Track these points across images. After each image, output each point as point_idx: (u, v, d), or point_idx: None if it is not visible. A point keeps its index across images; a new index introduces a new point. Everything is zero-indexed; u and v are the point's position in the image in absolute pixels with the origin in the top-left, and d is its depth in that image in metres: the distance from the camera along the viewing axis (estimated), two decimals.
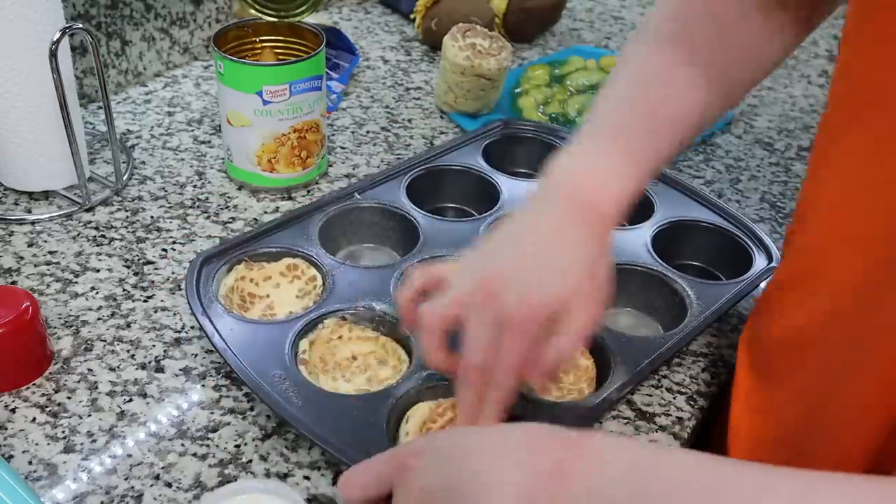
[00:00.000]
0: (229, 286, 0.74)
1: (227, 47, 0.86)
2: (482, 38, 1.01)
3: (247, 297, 0.74)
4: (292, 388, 0.64)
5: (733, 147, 1.06)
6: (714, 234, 0.85)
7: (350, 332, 0.71)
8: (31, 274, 0.77)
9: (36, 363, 0.68)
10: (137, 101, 1.04)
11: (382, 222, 0.83)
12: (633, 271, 0.79)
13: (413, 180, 0.87)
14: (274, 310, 0.74)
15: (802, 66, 1.27)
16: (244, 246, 0.77)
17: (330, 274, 0.75)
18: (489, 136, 0.95)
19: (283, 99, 0.83)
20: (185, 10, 1.08)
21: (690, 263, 0.85)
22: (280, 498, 0.55)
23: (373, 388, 0.67)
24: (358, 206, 0.83)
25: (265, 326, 0.70)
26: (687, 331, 0.72)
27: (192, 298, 0.70)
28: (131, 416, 0.66)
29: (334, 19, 1.28)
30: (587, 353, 0.71)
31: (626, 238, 0.82)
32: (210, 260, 0.74)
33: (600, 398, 0.66)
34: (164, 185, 0.90)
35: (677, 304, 0.76)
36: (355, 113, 1.06)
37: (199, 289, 0.71)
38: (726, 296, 0.76)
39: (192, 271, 0.72)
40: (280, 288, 0.75)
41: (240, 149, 0.87)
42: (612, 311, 0.79)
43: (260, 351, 0.67)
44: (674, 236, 0.84)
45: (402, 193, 0.85)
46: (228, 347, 0.66)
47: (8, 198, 0.86)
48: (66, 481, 0.60)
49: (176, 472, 0.62)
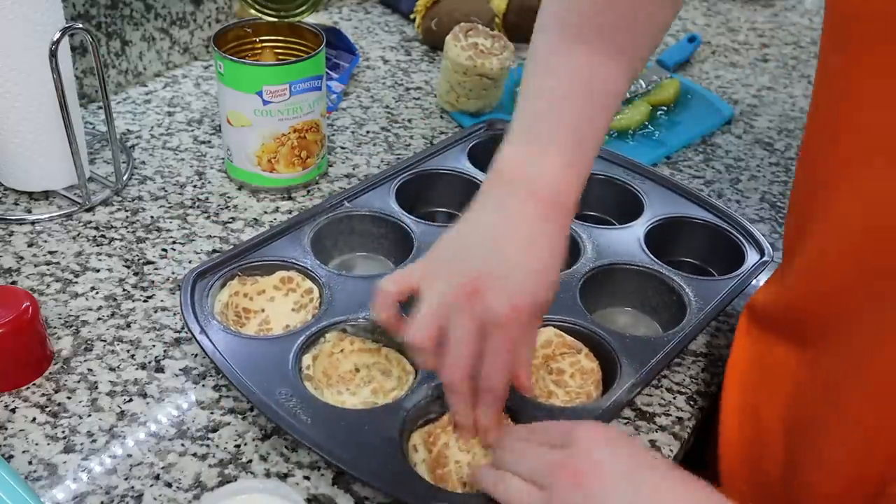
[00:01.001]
0: (224, 302, 0.72)
1: (227, 47, 0.86)
2: (484, 38, 1.01)
3: (241, 312, 0.72)
4: (300, 405, 0.62)
5: (733, 147, 1.06)
6: (705, 229, 0.85)
7: (352, 345, 0.70)
8: (31, 274, 0.77)
9: (36, 363, 0.68)
10: (137, 101, 1.04)
11: (374, 230, 0.82)
12: (629, 270, 0.79)
13: (402, 185, 0.86)
14: (270, 324, 0.72)
15: (802, 66, 1.27)
16: (236, 260, 0.75)
17: (327, 286, 0.73)
18: (473, 137, 0.94)
19: (283, 99, 0.83)
20: (185, 10, 1.08)
21: (683, 260, 0.85)
22: (280, 498, 0.55)
23: (379, 400, 0.66)
24: (348, 214, 0.82)
25: (265, 342, 0.69)
26: (689, 328, 0.72)
27: (189, 316, 0.68)
28: (131, 416, 0.66)
29: (334, 19, 1.28)
30: (591, 356, 0.70)
31: (619, 236, 0.82)
32: (203, 275, 0.73)
33: (610, 401, 0.65)
34: (164, 185, 0.90)
35: (675, 301, 0.76)
36: (355, 113, 1.06)
37: (195, 306, 0.70)
38: (723, 291, 0.76)
39: (185, 288, 0.71)
40: (275, 301, 0.73)
41: (240, 149, 0.87)
42: (610, 311, 0.79)
43: (263, 369, 0.65)
44: (665, 233, 0.84)
45: (392, 199, 0.84)
46: (231, 366, 0.65)
47: (8, 198, 0.86)
48: (66, 481, 0.60)
49: (176, 472, 0.62)
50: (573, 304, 0.74)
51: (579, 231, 0.82)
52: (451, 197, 0.88)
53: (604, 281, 0.78)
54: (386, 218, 0.82)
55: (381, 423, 0.62)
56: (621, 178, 0.89)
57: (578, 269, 0.78)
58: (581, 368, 0.69)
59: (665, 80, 1.14)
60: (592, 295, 0.77)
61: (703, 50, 1.29)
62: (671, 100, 1.11)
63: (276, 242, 0.77)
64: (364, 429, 0.61)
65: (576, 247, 0.80)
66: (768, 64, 1.27)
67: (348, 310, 0.71)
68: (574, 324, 0.72)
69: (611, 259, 0.79)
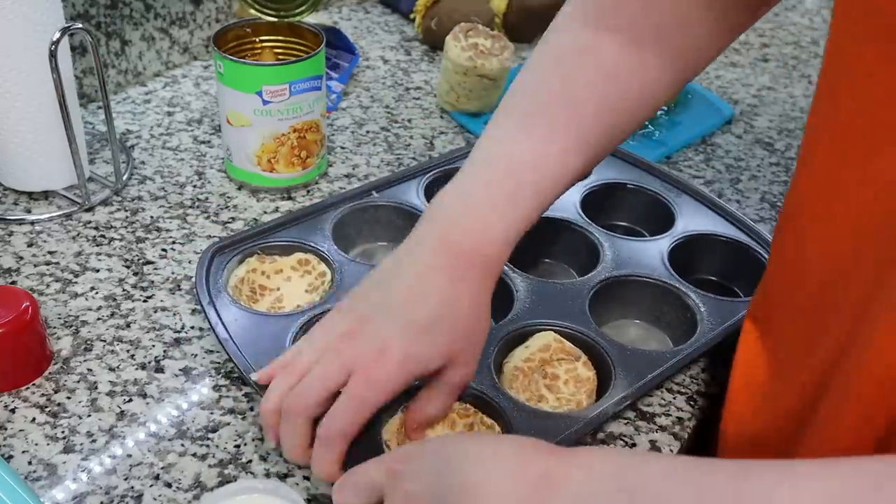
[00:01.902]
0: (240, 277, 0.74)
1: (226, 47, 0.86)
2: (484, 38, 1.01)
3: (257, 288, 0.75)
4: None
5: (733, 147, 1.05)
6: (734, 248, 0.83)
7: None
8: (30, 274, 0.77)
9: (36, 363, 0.68)
10: (137, 101, 1.04)
11: (397, 221, 0.83)
12: (645, 283, 0.78)
13: (431, 181, 0.87)
14: (283, 303, 0.74)
15: (802, 66, 1.27)
16: (256, 238, 0.77)
17: (339, 270, 0.75)
18: None
19: (282, 99, 0.83)
20: (185, 9, 1.08)
21: (708, 278, 0.84)
22: (280, 498, 0.55)
23: None
24: (373, 204, 0.83)
25: (269, 319, 0.71)
26: (693, 348, 0.72)
27: (201, 287, 0.71)
28: (131, 416, 0.66)
29: (334, 19, 1.28)
30: (590, 364, 0.70)
31: (643, 248, 0.82)
32: (222, 250, 0.75)
33: (595, 412, 0.65)
34: (163, 185, 0.90)
35: (688, 319, 0.75)
36: (355, 113, 1.06)
37: (208, 278, 0.72)
38: (739, 313, 0.74)
39: (202, 260, 0.73)
40: (291, 282, 0.76)
41: (240, 149, 0.87)
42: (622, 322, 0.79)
43: (262, 344, 0.67)
44: (692, 249, 0.83)
45: (421, 194, 0.85)
46: (231, 339, 0.67)
47: (8, 198, 0.86)
48: (66, 481, 0.60)
49: (176, 472, 0.62)
50: (581, 311, 0.74)
51: (601, 239, 0.81)
52: None
53: (618, 291, 0.78)
54: (411, 210, 0.83)
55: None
56: (655, 189, 0.89)
57: (593, 276, 0.78)
58: (576, 376, 0.69)
59: None
60: (605, 304, 0.76)
61: None
62: (671, 99, 1.11)
63: (298, 225, 0.80)
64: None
65: (595, 254, 0.80)
66: (768, 64, 1.27)
67: None
68: (576, 331, 0.72)
69: (628, 270, 0.79)
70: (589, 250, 0.81)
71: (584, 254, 0.82)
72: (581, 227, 0.83)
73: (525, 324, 0.72)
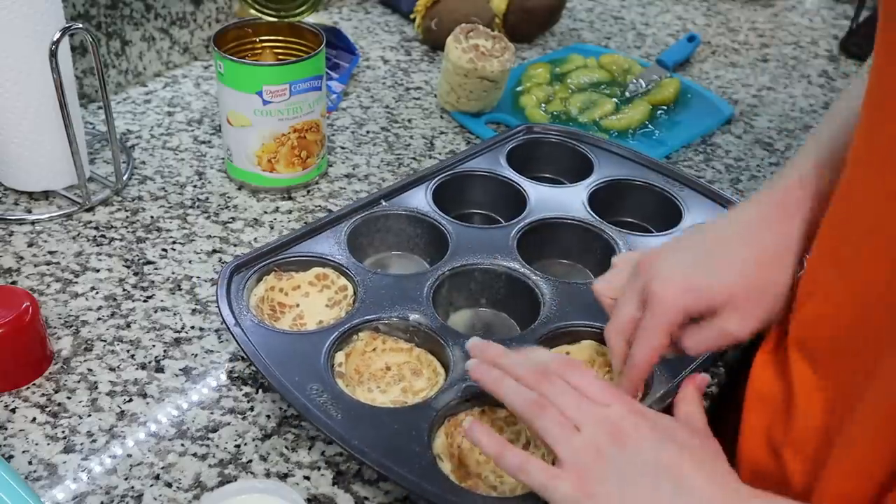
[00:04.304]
0: (259, 296, 0.73)
1: (227, 47, 0.86)
2: (485, 39, 1.01)
3: (277, 307, 0.73)
4: (330, 401, 0.63)
5: (733, 147, 1.06)
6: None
7: (384, 344, 0.70)
8: (31, 274, 0.77)
9: (36, 363, 0.68)
10: (137, 101, 1.04)
11: (409, 230, 0.82)
12: None
13: (439, 185, 0.86)
14: (304, 319, 0.73)
15: (802, 66, 1.27)
16: (272, 255, 0.75)
17: (361, 283, 0.74)
18: (512, 140, 0.94)
19: (283, 99, 0.83)
20: (185, 10, 1.08)
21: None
22: (280, 498, 0.55)
23: (409, 399, 0.67)
24: (385, 213, 0.82)
25: (298, 338, 0.69)
26: None
27: (224, 309, 0.69)
28: (131, 416, 0.66)
29: (334, 19, 1.28)
30: None
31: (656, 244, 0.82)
32: (240, 269, 0.73)
33: None
34: (164, 185, 0.90)
35: None
36: (355, 113, 1.06)
37: (231, 299, 0.70)
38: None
39: (222, 281, 0.71)
40: (309, 297, 0.74)
41: (240, 149, 0.87)
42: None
43: (295, 363, 0.66)
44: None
45: (428, 200, 0.84)
46: (262, 357, 0.65)
47: (8, 198, 0.86)
48: (66, 481, 0.60)
49: (176, 472, 0.62)
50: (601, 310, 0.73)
51: (616, 238, 0.81)
52: (488, 199, 0.89)
53: None
54: (422, 218, 0.82)
55: (413, 421, 0.62)
56: (660, 185, 0.89)
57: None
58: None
59: (665, 80, 1.14)
60: None
61: (703, 50, 1.29)
62: (671, 99, 1.11)
63: (312, 239, 0.78)
64: (394, 427, 0.62)
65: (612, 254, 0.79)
66: (768, 64, 1.27)
67: (381, 308, 0.71)
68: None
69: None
70: (604, 251, 0.81)
71: (598, 253, 0.82)
72: (595, 227, 0.83)
73: (557, 326, 0.72)
